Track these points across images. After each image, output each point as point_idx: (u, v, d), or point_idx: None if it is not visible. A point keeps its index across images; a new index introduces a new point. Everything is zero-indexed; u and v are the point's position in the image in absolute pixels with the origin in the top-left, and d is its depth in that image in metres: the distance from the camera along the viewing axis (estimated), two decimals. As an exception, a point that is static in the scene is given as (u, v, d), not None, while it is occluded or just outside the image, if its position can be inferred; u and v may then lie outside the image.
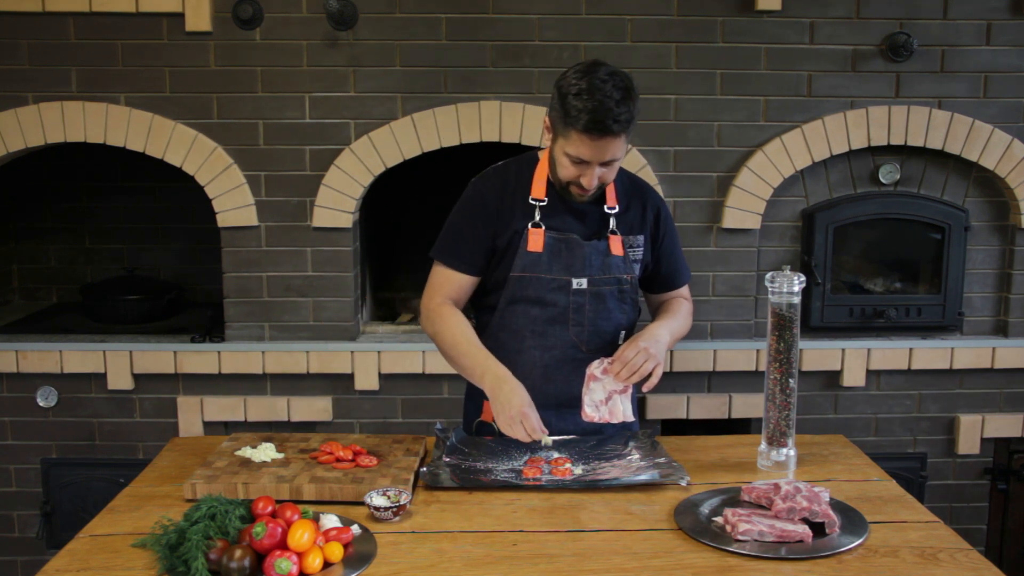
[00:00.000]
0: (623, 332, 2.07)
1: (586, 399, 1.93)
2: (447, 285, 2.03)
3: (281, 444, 1.96)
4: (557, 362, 2.03)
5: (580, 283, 2.00)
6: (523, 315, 2.03)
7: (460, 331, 1.98)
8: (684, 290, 2.21)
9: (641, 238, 2.06)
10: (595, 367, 1.93)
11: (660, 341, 1.95)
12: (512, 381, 1.88)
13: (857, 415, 3.10)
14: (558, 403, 2.04)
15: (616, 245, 2.02)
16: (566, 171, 1.91)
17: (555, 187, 2.00)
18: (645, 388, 1.93)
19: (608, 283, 2.01)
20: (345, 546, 1.51)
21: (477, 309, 2.15)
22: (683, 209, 2.99)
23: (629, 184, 2.09)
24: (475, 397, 2.13)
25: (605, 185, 1.97)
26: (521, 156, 2.08)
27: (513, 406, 1.83)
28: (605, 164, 1.88)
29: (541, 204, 1.99)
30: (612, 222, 2.02)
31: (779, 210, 3.03)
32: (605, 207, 2.02)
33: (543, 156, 2.02)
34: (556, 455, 1.92)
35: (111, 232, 3.61)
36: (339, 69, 2.87)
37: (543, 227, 1.99)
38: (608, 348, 2.05)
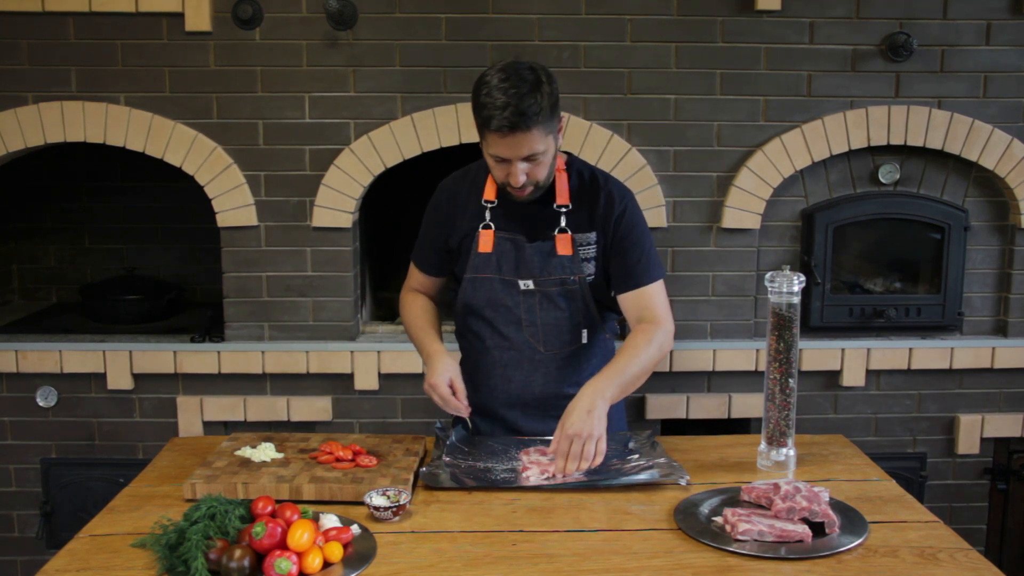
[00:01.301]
0: (585, 331, 2.04)
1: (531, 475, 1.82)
2: (413, 281, 2.23)
3: (281, 444, 1.96)
4: (516, 362, 2.04)
5: (527, 284, 2.00)
6: (480, 317, 2.06)
7: (413, 315, 2.16)
8: (652, 301, 2.01)
9: (592, 235, 2.01)
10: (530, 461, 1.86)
11: (594, 411, 1.80)
12: (438, 356, 2.00)
13: (857, 415, 3.10)
14: (522, 403, 2.06)
15: (563, 244, 1.99)
16: (495, 172, 1.92)
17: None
18: (588, 467, 1.81)
19: (553, 284, 2.00)
20: (345, 546, 1.51)
21: (452, 308, 2.17)
22: (683, 209, 2.98)
23: (588, 180, 2.04)
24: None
25: (539, 182, 1.92)
26: (483, 159, 2.06)
27: (427, 378, 1.97)
28: (529, 160, 1.86)
29: (491, 206, 2.02)
30: (562, 220, 2.00)
31: (779, 210, 3.03)
32: (555, 205, 2.00)
33: None
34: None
35: (111, 232, 3.60)
36: (339, 69, 2.87)
37: (493, 228, 2.01)
38: (568, 347, 2.04)
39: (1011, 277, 3.07)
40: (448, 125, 2.87)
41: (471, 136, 2.88)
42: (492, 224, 2.01)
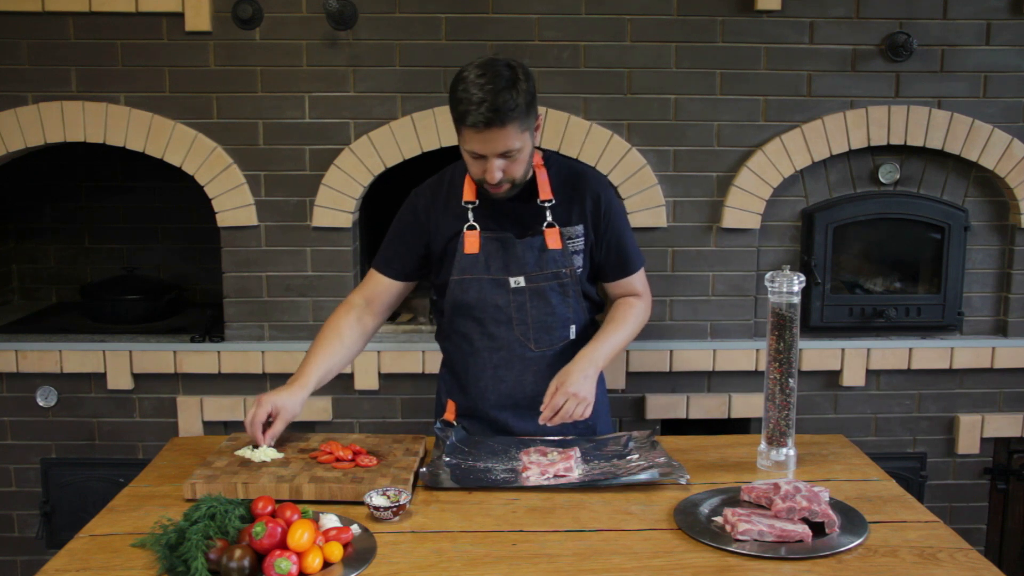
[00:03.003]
0: (573, 326, 2.06)
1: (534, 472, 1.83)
2: (368, 284, 2.13)
3: (281, 444, 1.96)
4: (506, 362, 2.04)
5: (518, 281, 2.00)
6: (468, 318, 2.05)
7: (324, 335, 2.04)
8: (638, 281, 2.15)
9: (580, 228, 2.03)
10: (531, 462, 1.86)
11: (590, 376, 1.94)
12: (296, 387, 1.91)
13: (857, 415, 3.10)
14: (513, 403, 2.06)
15: (553, 239, 2.00)
16: (472, 169, 1.92)
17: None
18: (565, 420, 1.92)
19: (546, 278, 2.01)
20: (345, 546, 1.51)
21: (436, 314, 2.17)
22: (683, 209, 2.98)
23: (568, 174, 2.06)
24: (441, 396, 2.20)
25: (516, 179, 1.92)
26: (458, 162, 2.07)
27: (264, 395, 1.90)
28: (505, 156, 1.86)
29: (473, 206, 2.01)
30: (548, 215, 2.01)
31: (779, 210, 3.03)
32: (539, 200, 2.01)
33: None
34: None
35: (111, 232, 3.61)
36: (339, 69, 2.87)
37: (478, 228, 2.00)
38: (557, 344, 2.05)
39: (1011, 277, 3.07)
40: (448, 125, 2.87)
41: (471, 136, 2.88)
42: (476, 225, 2.01)
